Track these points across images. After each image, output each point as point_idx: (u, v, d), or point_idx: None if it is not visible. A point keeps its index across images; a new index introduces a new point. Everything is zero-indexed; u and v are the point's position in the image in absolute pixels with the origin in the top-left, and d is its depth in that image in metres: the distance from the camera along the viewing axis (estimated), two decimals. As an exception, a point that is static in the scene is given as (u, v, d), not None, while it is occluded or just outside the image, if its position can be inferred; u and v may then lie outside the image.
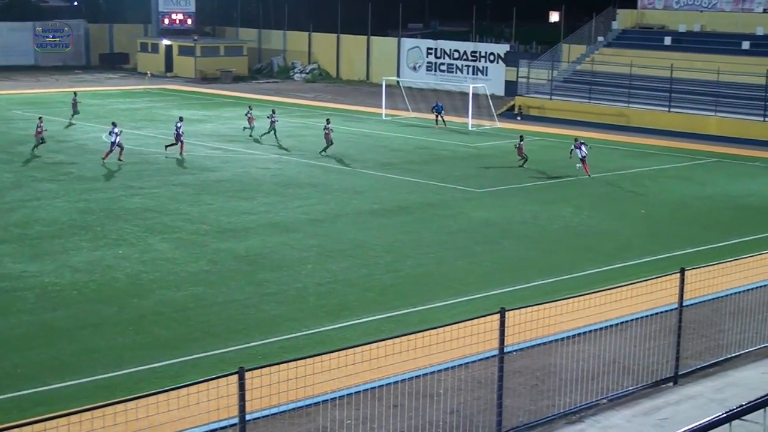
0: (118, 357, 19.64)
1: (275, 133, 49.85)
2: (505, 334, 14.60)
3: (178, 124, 46.12)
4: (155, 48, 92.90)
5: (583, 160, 41.62)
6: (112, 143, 42.59)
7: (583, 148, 41.79)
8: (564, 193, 38.12)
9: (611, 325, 18.56)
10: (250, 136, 51.14)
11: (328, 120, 47.59)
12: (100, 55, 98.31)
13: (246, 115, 52.73)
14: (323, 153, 45.32)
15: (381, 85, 64.09)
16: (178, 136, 45.31)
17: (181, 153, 45.01)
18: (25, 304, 23.05)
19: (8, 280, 24.91)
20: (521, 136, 45.17)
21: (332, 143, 45.71)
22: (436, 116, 57.24)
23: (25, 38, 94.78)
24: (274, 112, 51.41)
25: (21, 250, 27.95)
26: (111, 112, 61.49)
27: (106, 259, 27.10)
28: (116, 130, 42.55)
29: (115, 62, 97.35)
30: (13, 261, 26.72)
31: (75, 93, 59.31)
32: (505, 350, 14.76)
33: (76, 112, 56.23)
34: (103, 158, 42.52)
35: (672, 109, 57.73)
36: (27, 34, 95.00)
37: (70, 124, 55.08)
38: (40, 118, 46.74)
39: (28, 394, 17.64)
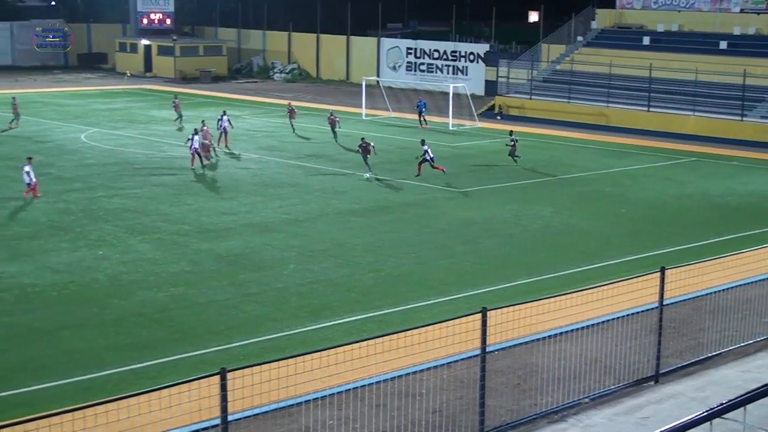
0: (99, 358, 19.54)
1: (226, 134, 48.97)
2: (487, 334, 14.61)
3: (223, 117, 47.85)
4: (134, 48, 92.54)
5: (431, 161, 40.25)
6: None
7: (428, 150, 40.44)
8: (544, 193, 38.21)
9: (593, 325, 18.61)
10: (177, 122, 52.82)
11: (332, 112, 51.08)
12: (79, 55, 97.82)
13: (172, 103, 55.70)
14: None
15: (361, 85, 64.07)
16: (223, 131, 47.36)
17: (226, 145, 47.25)
18: (4, 305, 22.90)
19: (-13, 281, 24.76)
20: (511, 131, 45.48)
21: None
22: (420, 115, 57.25)
23: (2, 39, 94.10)
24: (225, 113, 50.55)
25: None
26: (90, 113, 61.28)
27: (86, 260, 26.96)
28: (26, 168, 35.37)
29: (94, 62, 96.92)
30: (-9, 262, 26.56)
31: (14, 98, 56.74)
32: (486, 350, 14.77)
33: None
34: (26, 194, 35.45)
35: (651, 109, 57.99)
36: (4, 35, 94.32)
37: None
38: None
39: (7, 395, 17.52)
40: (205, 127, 43.43)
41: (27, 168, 34.84)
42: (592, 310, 18.03)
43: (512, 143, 43.90)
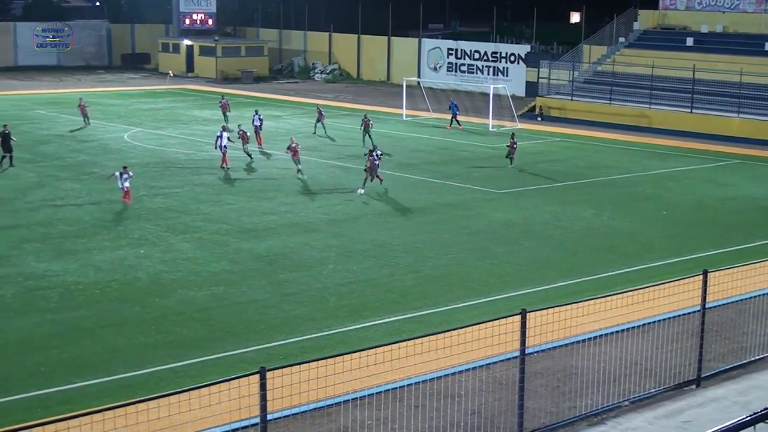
0: (140, 356, 19.72)
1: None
2: (527, 336, 14.55)
3: (257, 116, 48.45)
4: (176, 48, 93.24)
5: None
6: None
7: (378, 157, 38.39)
8: (585, 195, 37.99)
9: (633, 327, 18.49)
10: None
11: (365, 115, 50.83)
12: (122, 55, 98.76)
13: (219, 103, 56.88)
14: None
15: (402, 86, 64.09)
16: (256, 129, 47.74)
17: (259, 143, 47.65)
18: (49, 303, 23.18)
19: (32, 279, 25.07)
20: (513, 133, 45.23)
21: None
22: (452, 116, 57.17)
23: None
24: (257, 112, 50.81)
25: (44, 249, 28.12)
26: (133, 112, 61.83)
27: (128, 259, 27.21)
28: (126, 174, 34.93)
29: (137, 62, 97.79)
30: (36, 260, 26.88)
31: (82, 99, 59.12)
32: (526, 351, 14.71)
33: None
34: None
35: (694, 111, 57.43)
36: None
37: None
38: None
39: (51, 392, 17.74)
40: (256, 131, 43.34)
41: (117, 174, 34.88)
42: (632, 313, 17.92)
43: (512, 144, 43.54)
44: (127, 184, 34.44)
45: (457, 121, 56.94)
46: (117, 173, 34.87)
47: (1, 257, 27.16)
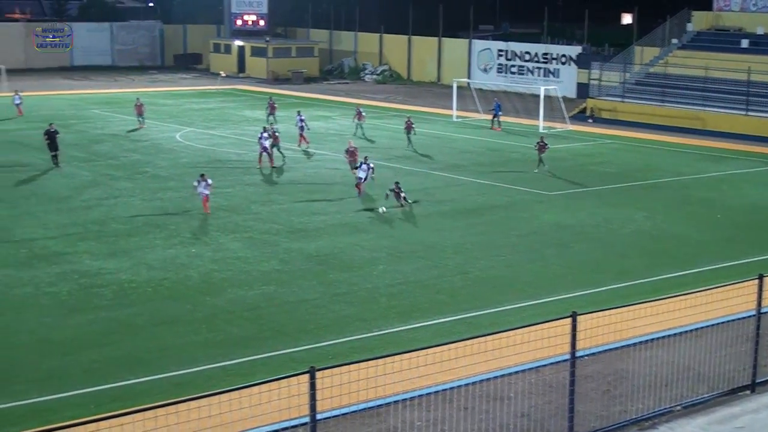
0: (191, 354, 19.90)
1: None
2: (577, 338, 14.46)
3: (300, 117, 48.58)
4: (228, 49, 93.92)
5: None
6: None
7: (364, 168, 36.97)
8: (637, 197, 37.64)
9: (686, 332, 18.30)
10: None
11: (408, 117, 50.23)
12: (174, 55, 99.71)
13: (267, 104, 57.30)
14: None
15: (452, 87, 64.00)
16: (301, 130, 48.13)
17: (306, 143, 47.97)
18: (103, 300, 23.48)
19: (87, 276, 25.40)
20: (542, 137, 44.49)
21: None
22: (493, 116, 56.91)
23: (102, 39, 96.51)
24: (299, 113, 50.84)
25: (98, 247, 28.48)
26: (184, 112, 62.39)
27: (180, 258, 27.47)
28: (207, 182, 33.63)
29: (189, 63, 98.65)
30: (91, 258, 27.24)
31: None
32: (576, 354, 14.61)
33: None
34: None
35: (749, 113, 56.65)
36: (104, 35, 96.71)
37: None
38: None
39: (104, 389, 17.97)
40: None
41: (195, 183, 33.65)
42: (685, 317, 17.72)
43: (542, 146, 42.54)
44: (206, 191, 33.23)
45: (498, 122, 56.61)
46: (195, 182, 33.83)
47: (57, 255, 27.56)
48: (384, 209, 33.65)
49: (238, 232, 30.53)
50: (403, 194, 34.51)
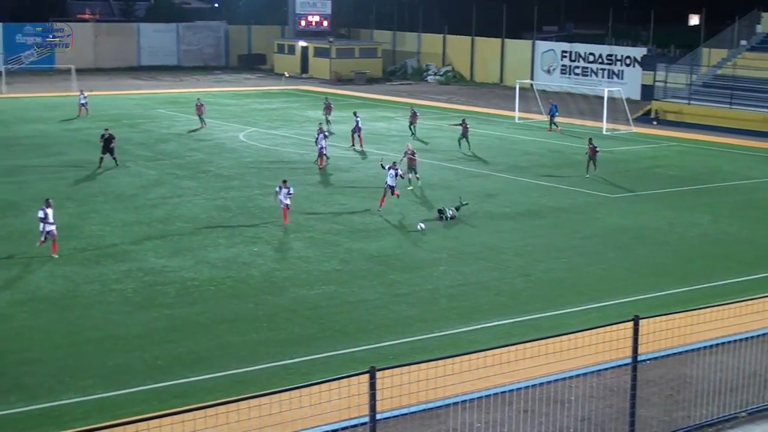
0: (252, 352, 20.09)
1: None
2: (639, 342, 14.33)
3: (357, 118, 48.78)
4: (291, 49, 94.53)
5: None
6: None
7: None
8: (702, 200, 37.15)
9: (752, 337, 18.01)
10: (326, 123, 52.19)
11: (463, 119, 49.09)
12: (239, 56, 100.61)
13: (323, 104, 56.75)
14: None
15: (515, 88, 63.71)
16: (356, 129, 48.36)
17: (360, 144, 48.24)
18: (166, 298, 23.81)
19: (151, 274, 25.78)
20: (590, 138, 43.59)
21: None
22: (550, 118, 56.50)
23: (168, 39, 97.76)
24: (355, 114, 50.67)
25: (163, 245, 28.88)
26: (248, 112, 62.94)
27: (242, 256, 27.74)
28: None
29: (253, 63, 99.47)
30: (155, 256, 27.63)
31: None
32: (638, 359, 14.48)
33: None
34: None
35: (822, 116, 55.51)
36: (171, 36, 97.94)
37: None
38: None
39: (167, 386, 18.23)
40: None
41: (277, 189, 32.28)
42: (751, 322, 17.48)
43: (592, 149, 41.44)
44: (286, 201, 31.42)
45: (554, 123, 56.18)
46: (277, 188, 32.49)
47: (123, 252, 28.01)
48: (422, 226, 31.10)
49: (300, 232, 30.74)
50: (451, 211, 32.64)
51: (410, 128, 53.13)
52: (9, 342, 20.68)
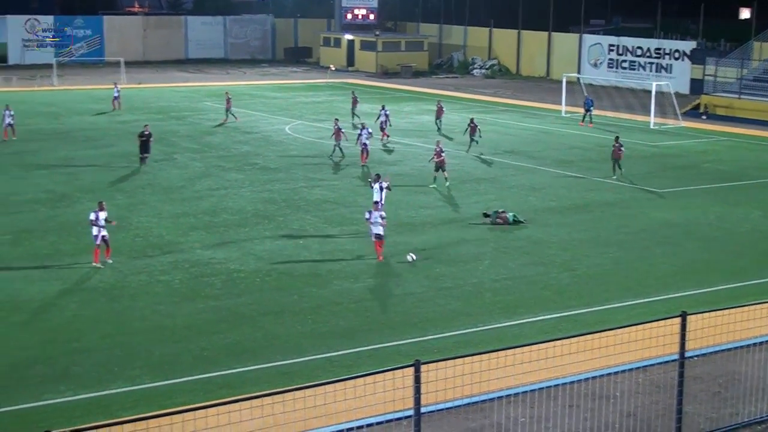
0: (297, 344, 20.19)
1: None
2: (686, 339, 14.20)
3: (383, 111, 48.51)
4: (338, 42, 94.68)
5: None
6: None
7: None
8: (753, 195, 36.68)
9: (802, 334, 17.78)
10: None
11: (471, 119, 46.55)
12: (285, 49, 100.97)
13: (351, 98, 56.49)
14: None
15: (561, 82, 63.33)
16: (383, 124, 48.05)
17: (385, 136, 48.01)
18: (213, 289, 23.99)
19: (198, 266, 25.99)
20: (617, 137, 41.03)
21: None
22: (585, 112, 55.97)
23: (216, 32, 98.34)
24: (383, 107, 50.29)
25: (209, 237, 29.10)
26: (294, 105, 63.17)
27: (287, 249, 27.87)
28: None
29: (299, 56, 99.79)
30: (202, 247, 27.85)
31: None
32: (685, 355, 14.36)
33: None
34: None
35: None
36: (218, 29, 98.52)
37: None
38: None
39: (213, 376, 18.38)
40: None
41: (374, 184, 30.38)
42: (801, 320, 17.22)
43: (617, 149, 39.46)
44: (379, 231, 27.15)
45: (590, 117, 55.61)
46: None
47: (170, 244, 28.27)
48: (413, 257, 26.62)
49: (345, 225, 30.81)
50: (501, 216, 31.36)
51: (436, 123, 52.56)
52: (59, 332, 20.97)
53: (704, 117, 60.29)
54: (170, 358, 19.35)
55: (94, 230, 25.85)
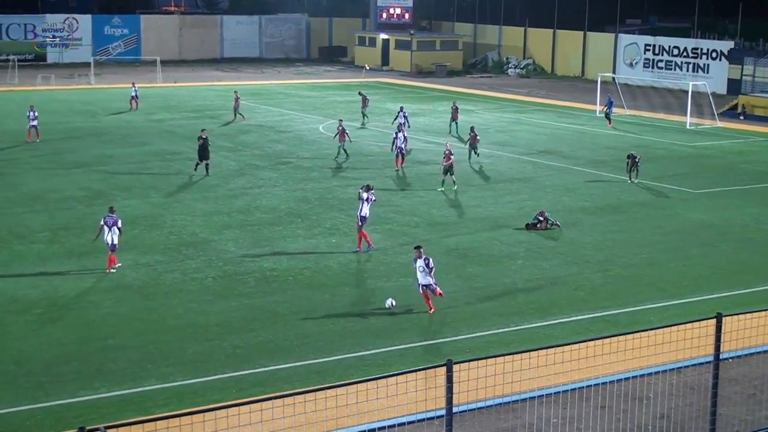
0: (330, 343, 20.22)
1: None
2: (721, 340, 14.07)
3: (402, 112, 47.56)
4: (372, 42, 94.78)
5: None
6: None
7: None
8: (789, 197, 36.31)
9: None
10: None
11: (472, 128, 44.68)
12: (320, 48, 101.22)
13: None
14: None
15: (596, 82, 62.99)
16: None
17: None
18: (246, 287, 24.09)
19: (231, 264, 26.11)
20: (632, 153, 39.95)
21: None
22: (606, 112, 55.48)
23: (251, 31, 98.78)
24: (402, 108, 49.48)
25: (243, 235, 29.23)
26: (328, 104, 63.29)
27: (320, 247, 27.94)
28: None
29: (334, 55, 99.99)
30: (235, 246, 27.98)
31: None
32: (720, 357, 14.23)
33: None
34: None
35: None
36: (253, 28, 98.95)
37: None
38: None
39: (245, 374, 18.45)
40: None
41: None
42: (837, 322, 17.01)
43: (633, 159, 38.51)
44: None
45: (608, 117, 55.08)
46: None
47: (204, 242, 28.43)
48: (392, 303, 23.02)
49: (378, 224, 30.82)
50: (548, 220, 30.82)
51: (451, 125, 51.73)
52: (94, 329, 21.14)
53: (742, 117, 59.75)
54: (203, 356, 19.45)
55: (106, 234, 25.21)
